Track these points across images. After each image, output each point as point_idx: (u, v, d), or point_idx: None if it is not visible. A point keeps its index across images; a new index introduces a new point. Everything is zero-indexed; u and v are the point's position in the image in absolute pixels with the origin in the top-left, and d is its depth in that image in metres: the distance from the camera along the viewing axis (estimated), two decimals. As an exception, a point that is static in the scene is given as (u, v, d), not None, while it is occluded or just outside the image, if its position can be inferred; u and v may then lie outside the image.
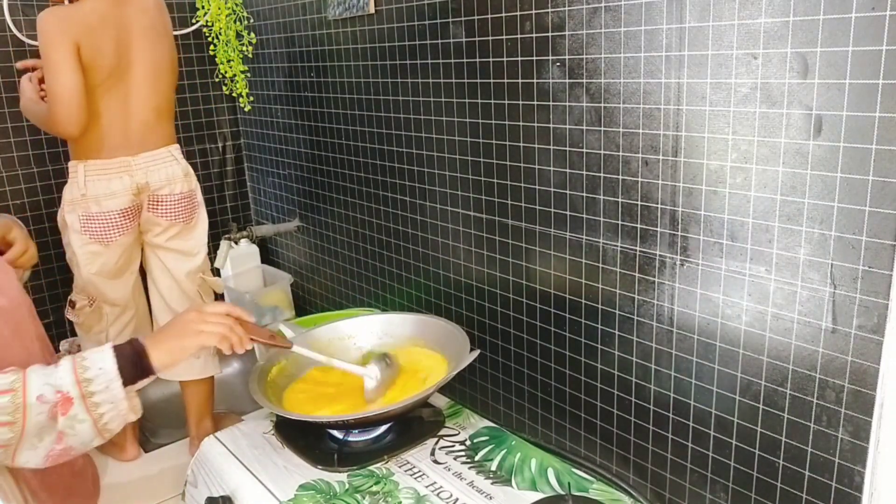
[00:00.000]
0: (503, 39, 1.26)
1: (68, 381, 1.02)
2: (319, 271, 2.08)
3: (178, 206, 1.64)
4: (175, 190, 1.63)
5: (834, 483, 0.95)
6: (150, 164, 1.59)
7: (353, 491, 1.14)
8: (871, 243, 0.85)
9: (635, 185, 1.10)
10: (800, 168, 0.90)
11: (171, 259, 1.69)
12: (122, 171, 1.56)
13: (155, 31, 1.58)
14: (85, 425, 1.03)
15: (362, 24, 1.61)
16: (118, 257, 1.62)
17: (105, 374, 1.04)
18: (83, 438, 1.04)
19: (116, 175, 1.56)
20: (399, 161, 1.60)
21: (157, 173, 1.60)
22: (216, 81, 2.25)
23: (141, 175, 1.58)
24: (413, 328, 1.44)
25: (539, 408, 1.39)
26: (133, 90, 1.56)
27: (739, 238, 0.99)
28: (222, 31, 2.09)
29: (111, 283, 1.64)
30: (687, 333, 1.09)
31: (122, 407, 1.06)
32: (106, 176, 1.55)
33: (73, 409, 1.01)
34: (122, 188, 1.56)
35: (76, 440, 1.04)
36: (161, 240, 1.66)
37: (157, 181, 1.60)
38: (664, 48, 1.02)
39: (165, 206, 1.62)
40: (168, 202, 1.62)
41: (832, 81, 0.85)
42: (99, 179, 1.55)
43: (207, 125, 2.29)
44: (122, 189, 1.56)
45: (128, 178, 1.57)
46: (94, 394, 1.03)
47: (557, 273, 1.28)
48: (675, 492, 1.17)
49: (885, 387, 0.86)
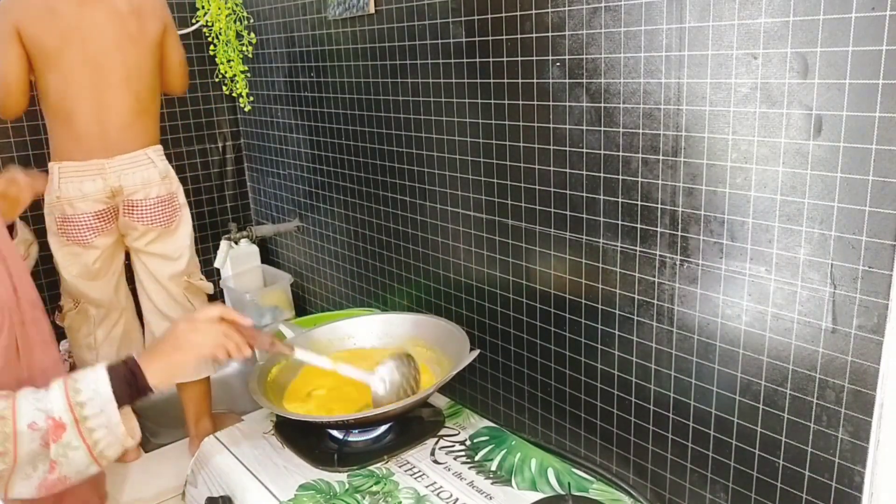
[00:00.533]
0: (503, 39, 1.26)
1: (60, 406, 0.95)
2: (319, 271, 2.08)
3: (155, 210, 1.62)
4: (150, 194, 1.61)
5: (834, 483, 0.95)
6: (125, 167, 1.57)
7: (353, 491, 1.14)
8: (871, 243, 0.85)
9: (635, 185, 1.10)
10: (800, 168, 0.90)
11: (154, 263, 1.68)
12: (95, 174, 1.55)
13: (127, 35, 1.56)
14: (79, 452, 0.96)
15: (362, 24, 1.61)
16: (96, 258, 1.62)
17: (99, 397, 0.97)
18: (77, 466, 0.97)
19: (90, 178, 1.55)
20: (399, 161, 1.60)
21: (132, 177, 1.58)
22: (216, 81, 2.25)
23: (114, 178, 1.56)
24: (413, 328, 1.44)
25: (539, 408, 1.39)
26: (108, 93, 1.55)
27: (739, 238, 0.99)
28: (222, 31, 2.09)
29: (92, 285, 1.64)
30: (687, 333, 1.09)
31: (118, 431, 0.99)
32: (79, 178, 1.54)
33: (65, 436, 0.95)
34: (94, 190, 1.55)
35: (70, 469, 0.97)
36: (141, 244, 1.65)
37: (132, 185, 1.58)
38: (664, 48, 1.02)
39: (141, 211, 1.61)
40: (143, 207, 1.61)
41: (832, 81, 0.85)
42: (71, 181, 1.54)
43: (207, 125, 2.29)
44: (94, 191, 1.55)
45: (101, 180, 1.55)
46: (88, 418, 0.96)
47: (557, 273, 1.28)
48: (675, 492, 1.17)
49: (885, 387, 0.86)
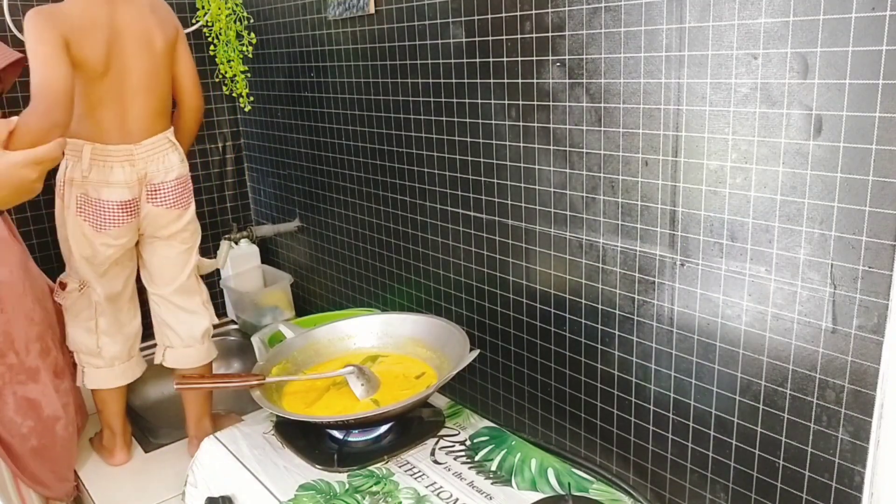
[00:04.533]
0: (503, 39, 1.26)
1: None
2: (319, 271, 2.08)
3: (175, 191, 1.60)
4: (170, 176, 1.60)
5: (834, 483, 0.95)
6: (152, 153, 1.56)
7: (353, 491, 1.14)
8: (871, 243, 0.85)
9: (635, 185, 1.10)
10: (800, 168, 0.90)
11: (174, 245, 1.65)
12: (124, 161, 1.53)
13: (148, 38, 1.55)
14: None
15: (362, 24, 1.61)
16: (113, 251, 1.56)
17: None
18: None
19: (119, 163, 1.53)
20: (399, 161, 1.60)
21: (156, 163, 1.57)
22: (216, 81, 2.25)
23: (142, 164, 1.55)
24: (413, 328, 1.44)
25: (539, 408, 1.39)
26: (128, 96, 1.53)
27: (739, 238, 0.99)
28: (222, 31, 2.09)
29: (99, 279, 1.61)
30: (687, 333, 1.09)
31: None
32: (109, 164, 1.52)
33: None
34: (123, 179, 1.53)
35: None
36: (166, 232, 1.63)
37: (155, 170, 1.58)
38: (664, 48, 1.02)
39: (164, 194, 1.59)
40: (165, 189, 1.59)
41: (832, 81, 0.85)
42: (103, 166, 1.52)
43: (207, 125, 2.29)
44: (122, 180, 1.53)
45: (129, 167, 1.54)
46: None
47: (557, 273, 1.28)
48: (675, 492, 1.17)
49: (885, 387, 0.86)
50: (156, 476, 1.65)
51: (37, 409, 1.44)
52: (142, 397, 2.03)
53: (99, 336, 1.62)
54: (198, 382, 1.53)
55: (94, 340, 1.61)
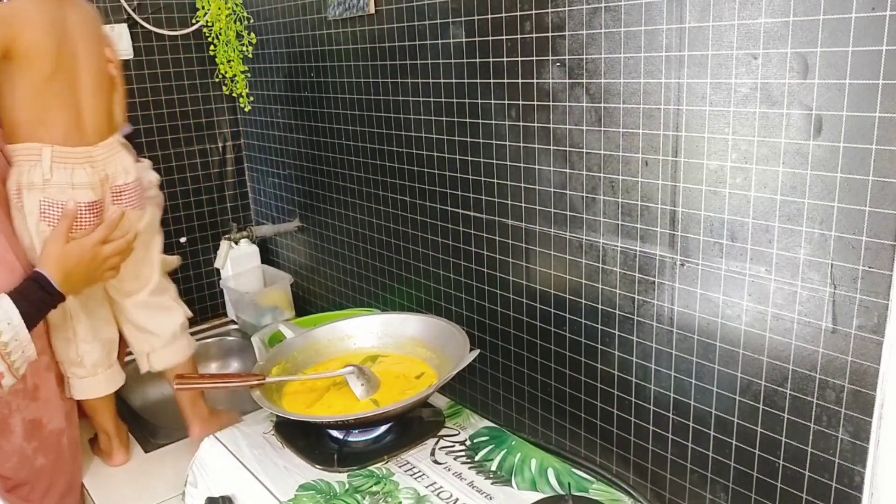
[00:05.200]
0: (503, 39, 1.26)
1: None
2: (319, 271, 2.08)
3: (135, 192, 1.60)
4: (130, 178, 1.60)
5: (834, 483, 0.95)
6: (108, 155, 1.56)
7: (353, 491, 1.14)
8: (871, 243, 0.85)
9: (635, 185, 1.10)
10: (800, 168, 0.90)
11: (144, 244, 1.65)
12: (84, 162, 1.53)
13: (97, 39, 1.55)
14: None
15: (362, 24, 1.61)
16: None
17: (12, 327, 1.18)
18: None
19: (80, 165, 1.52)
20: (399, 161, 1.60)
21: (115, 165, 1.57)
22: (216, 81, 2.25)
23: (101, 167, 1.55)
24: (413, 328, 1.44)
25: (539, 408, 1.39)
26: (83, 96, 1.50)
27: (739, 238, 0.99)
28: (222, 32, 2.09)
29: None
30: (687, 333, 1.09)
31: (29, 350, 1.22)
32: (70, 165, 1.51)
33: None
34: (87, 180, 1.52)
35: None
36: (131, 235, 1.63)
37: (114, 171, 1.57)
38: (664, 48, 1.02)
39: (128, 195, 1.58)
40: (128, 191, 1.59)
41: (832, 81, 0.85)
42: (64, 168, 1.51)
43: (207, 125, 2.29)
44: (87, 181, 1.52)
45: (90, 168, 1.53)
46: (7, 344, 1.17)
47: (557, 273, 1.28)
48: (675, 492, 1.17)
49: (885, 387, 0.86)
50: (156, 476, 1.64)
51: (39, 428, 1.45)
52: (142, 397, 2.03)
53: (78, 344, 1.61)
54: (197, 382, 1.53)
55: (73, 349, 1.61)
